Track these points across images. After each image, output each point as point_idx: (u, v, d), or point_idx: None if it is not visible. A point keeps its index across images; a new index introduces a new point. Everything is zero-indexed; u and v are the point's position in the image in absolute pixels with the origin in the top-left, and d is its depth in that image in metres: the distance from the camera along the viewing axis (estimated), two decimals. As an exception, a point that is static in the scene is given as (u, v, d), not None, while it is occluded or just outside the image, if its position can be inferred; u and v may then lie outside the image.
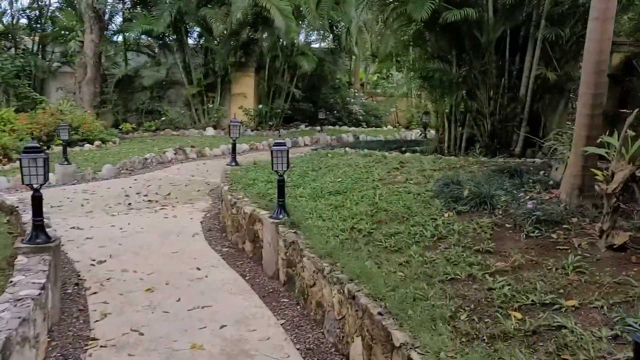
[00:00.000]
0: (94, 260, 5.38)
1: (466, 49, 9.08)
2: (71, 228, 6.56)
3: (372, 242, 4.12)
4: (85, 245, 5.91)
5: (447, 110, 10.00)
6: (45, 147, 11.68)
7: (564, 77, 8.61)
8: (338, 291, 3.56)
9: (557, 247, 3.66)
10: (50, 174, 9.46)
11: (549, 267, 3.30)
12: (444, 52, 9.63)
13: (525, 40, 8.76)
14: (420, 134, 13.12)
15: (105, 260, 5.37)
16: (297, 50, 17.27)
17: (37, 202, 3.77)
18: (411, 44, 10.35)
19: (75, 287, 4.68)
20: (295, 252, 4.42)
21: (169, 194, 8.70)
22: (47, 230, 4.53)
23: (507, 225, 4.13)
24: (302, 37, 18.71)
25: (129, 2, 17.41)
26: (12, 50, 16.99)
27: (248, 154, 13.56)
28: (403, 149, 10.89)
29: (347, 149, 9.65)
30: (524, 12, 8.54)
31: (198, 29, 17.09)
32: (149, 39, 17.61)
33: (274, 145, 5.00)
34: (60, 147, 9.94)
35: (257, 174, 7.33)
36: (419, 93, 20.00)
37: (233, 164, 8.48)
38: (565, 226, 4.00)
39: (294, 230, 4.69)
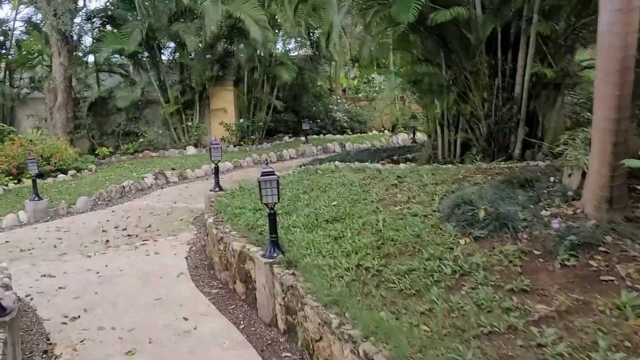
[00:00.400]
0: (66, 316, 4.75)
1: (455, 50, 8.62)
2: (42, 276, 5.92)
3: (384, 283, 3.56)
4: (57, 297, 5.27)
5: (438, 115, 9.52)
6: (15, 181, 11.00)
7: (560, 73, 8.18)
8: (351, 351, 3.00)
9: (601, 278, 3.14)
10: (21, 212, 8.82)
11: (602, 309, 2.78)
12: (431, 55, 9.15)
13: (517, 36, 8.31)
14: (411, 140, 12.64)
15: (79, 316, 4.73)
16: (276, 61, 16.73)
17: (-16, 269, 3.14)
18: (395, 47, 9.86)
19: (44, 356, 4.05)
20: (295, 298, 3.85)
21: (149, 225, 8.06)
22: (7, 294, 3.92)
23: (535, 251, 3.60)
24: (279, 47, 18.24)
25: (97, 22, 16.70)
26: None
27: (232, 172, 12.98)
28: (395, 157, 10.43)
29: (337, 162, 9.08)
30: (513, 7, 8.11)
31: (172, 45, 16.46)
32: (121, 58, 16.95)
33: (261, 175, 4.43)
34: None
35: (243, 200, 6.73)
36: (402, 96, 19.74)
37: (217, 189, 7.88)
38: (602, 249, 3.49)
39: (291, 272, 4.12)
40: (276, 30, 16.25)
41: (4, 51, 16.92)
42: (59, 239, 7.52)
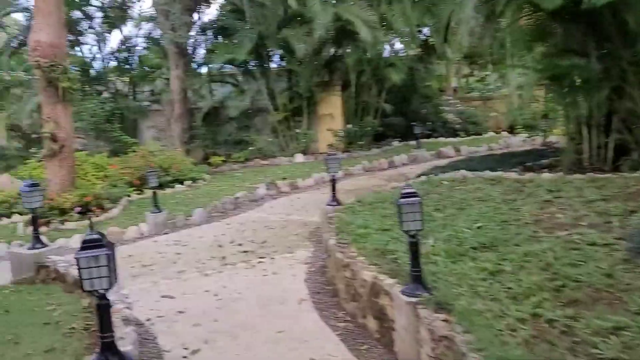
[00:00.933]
0: (186, 348, 4.38)
1: (610, 38, 7.33)
2: (162, 297, 5.69)
3: (581, 345, 2.69)
4: (177, 323, 4.97)
5: (584, 114, 8.20)
6: (138, 192, 11.35)
7: None
8: None
9: None
10: (142, 224, 8.94)
11: None
12: (577, 45, 7.90)
13: (691, 17, 6.86)
14: (543, 143, 11.26)
15: (199, 350, 4.34)
16: (385, 62, 16.04)
17: (104, 311, 2.78)
18: (531, 39, 8.68)
19: (165, 398, 3.69)
20: (453, 354, 3.09)
21: (265, 241, 7.71)
22: (126, 331, 3.61)
23: None
24: (388, 47, 17.48)
25: (210, 34, 17.16)
26: (105, 94, 17.34)
27: (343, 181, 12.40)
28: (529, 164, 9.24)
29: (463, 171, 8.17)
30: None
31: (279, 52, 16.42)
32: (232, 67, 17.27)
33: (401, 197, 3.73)
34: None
35: (366, 218, 6.08)
36: (520, 93, 18.18)
37: (334, 203, 7.32)
38: None
39: (442, 317, 3.37)
40: (386, 30, 15.53)
41: (128, 67, 17.96)
42: (177, 254, 7.41)
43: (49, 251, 5.71)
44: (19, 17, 17.23)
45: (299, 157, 15.37)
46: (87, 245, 2.73)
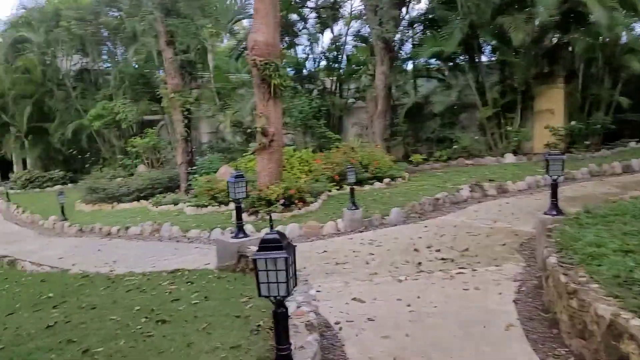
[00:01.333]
0: (374, 364, 3.97)
1: None
2: (352, 299, 5.41)
3: None
4: (365, 331, 4.59)
5: None
6: (337, 187, 11.49)
7: None
8: None
9: None
10: (339, 220, 8.94)
11: None
12: None
13: None
14: None
15: (388, 368, 3.89)
16: (623, 48, 13.47)
17: (280, 320, 2.47)
18: None
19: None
20: None
21: (466, 249, 6.92)
22: (309, 339, 3.31)
23: None
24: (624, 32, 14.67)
25: (418, 28, 16.67)
26: (314, 92, 18.20)
27: (563, 186, 10.71)
28: None
29: None
30: None
31: (492, 43, 15.08)
32: (438, 62, 16.53)
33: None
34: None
35: (599, 234, 4.86)
36: None
37: (554, 212, 6.14)
38: None
39: None
40: (627, 11, 13.00)
41: (336, 65, 18.57)
42: (371, 254, 7.12)
43: (249, 241, 5.90)
44: (246, 23, 19.13)
45: (509, 157, 13.93)
46: (265, 245, 2.46)
